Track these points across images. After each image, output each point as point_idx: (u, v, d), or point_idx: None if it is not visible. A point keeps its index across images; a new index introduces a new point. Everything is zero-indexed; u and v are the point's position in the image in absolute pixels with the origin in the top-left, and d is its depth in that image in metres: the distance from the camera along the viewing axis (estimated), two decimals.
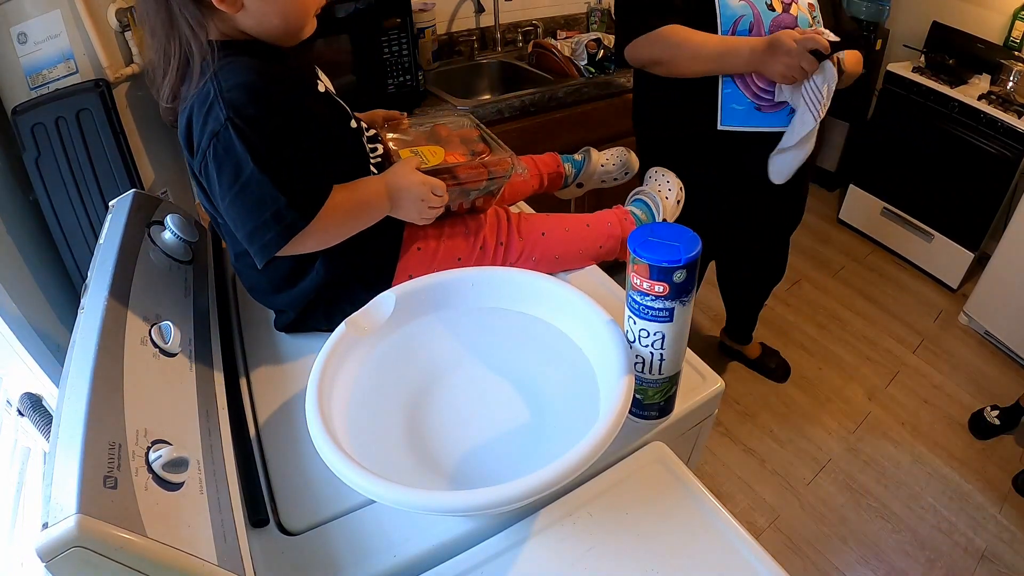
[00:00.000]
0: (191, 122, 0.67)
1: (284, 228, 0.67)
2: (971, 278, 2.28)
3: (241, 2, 0.66)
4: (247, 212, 0.66)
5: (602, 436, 0.54)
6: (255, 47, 0.70)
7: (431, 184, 0.78)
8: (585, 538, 0.60)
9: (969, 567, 1.46)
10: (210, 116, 0.65)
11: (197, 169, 0.68)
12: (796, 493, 1.62)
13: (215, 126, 0.64)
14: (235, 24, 0.68)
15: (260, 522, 0.61)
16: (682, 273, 0.56)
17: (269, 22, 0.69)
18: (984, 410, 1.82)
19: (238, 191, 0.66)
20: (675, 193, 1.08)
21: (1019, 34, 2.23)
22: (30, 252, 1.05)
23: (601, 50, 1.96)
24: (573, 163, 1.17)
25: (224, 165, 0.65)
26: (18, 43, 0.99)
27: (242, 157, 0.64)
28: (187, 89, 0.68)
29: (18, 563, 0.74)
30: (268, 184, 0.65)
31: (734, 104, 1.17)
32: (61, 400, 0.51)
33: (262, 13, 0.68)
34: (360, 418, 0.64)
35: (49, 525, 0.41)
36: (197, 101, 0.66)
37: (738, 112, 1.18)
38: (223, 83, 0.65)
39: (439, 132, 0.94)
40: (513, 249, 0.88)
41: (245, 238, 0.68)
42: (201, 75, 0.66)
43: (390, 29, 1.52)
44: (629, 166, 1.19)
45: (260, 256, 0.69)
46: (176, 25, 0.66)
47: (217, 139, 0.64)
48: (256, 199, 0.66)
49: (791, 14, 1.14)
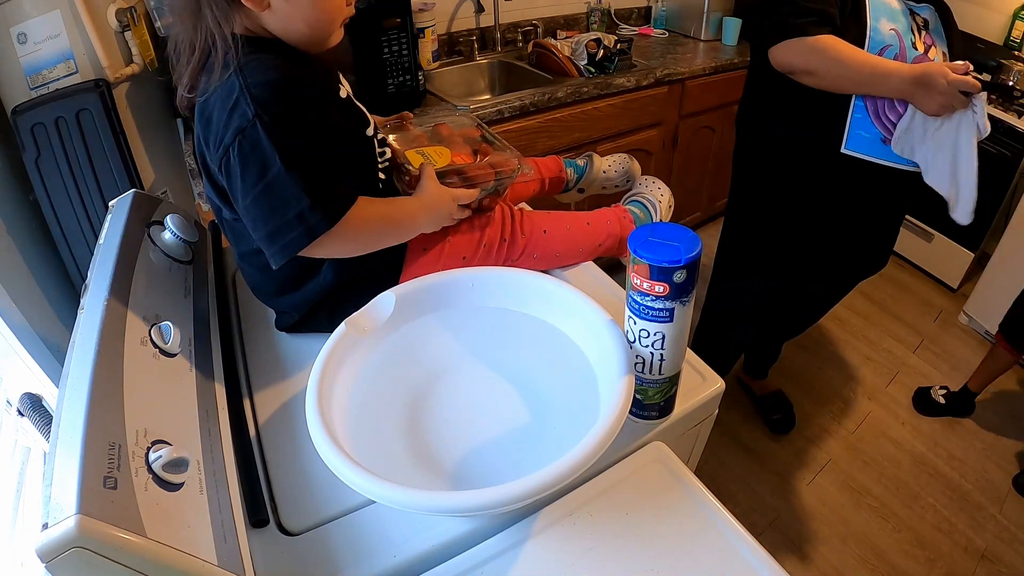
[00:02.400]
0: (211, 116, 0.66)
1: (307, 230, 0.66)
2: (971, 278, 2.28)
3: (268, 1, 0.66)
4: (270, 211, 0.65)
5: (602, 436, 0.54)
6: (281, 47, 0.70)
7: (458, 196, 0.80)
8: (585, 538, 0.60)
9: (969, 567, 1.46)
10: (235, 112, 0.63)
11: (217, 164, 0.66)
12: (796, 493, 1.62)
13: (241, 122, 0.63)
14: (260, 22, 0.68)
15: (260, 522, 0.61)
16: (682, 273, 0.56)
17: (294, 26, 0.68)
18: (932, 388, 1.88)
19: (262, 189, 0.65)
20: (667, 196, 1.09)
21: (1019, 34, 2.23)
22: (30, 252, 1.05)
23: (601, 50, 1.96)
24: (575, 168, 1.17)
25: (249, 162, 0.64)
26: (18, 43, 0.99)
27: (269, 155, 0.63)
28: (207, 80, 0.67)
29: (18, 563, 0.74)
30: (294, 184, 0.64)
31: (861, 131, 1.16)
32: (61, 400, 0.51)
33: (287, 16, 0.67)
34: (360, 418, 0.64)
35: (49, 525, 0.41)
36: (219, 95, 0.65)
37: (864, 139, 1.16)
38: (249, 79, 0.64)
39: (441, 132, 0.94)
40: (516, 246, 0.89)
41: (265, 237, 0.67)
42: (224, 68, 0.66)
43: (390, 29, 1.52)
44: (631, 174, 1.19)
45: (279, 256, 0.68)
46: (202, 15, 0.65)
47: (243, 135, 0.63)
48: (281, 198, 0.65)
49: (929, 57, 1.14)
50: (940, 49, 1.17)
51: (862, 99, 1.14)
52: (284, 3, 0.66)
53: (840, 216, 1.28)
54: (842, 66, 1.10)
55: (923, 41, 1.15)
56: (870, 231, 1.33)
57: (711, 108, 2.20)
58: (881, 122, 1.15)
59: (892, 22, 1.14)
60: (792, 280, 1.42)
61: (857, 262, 1.41)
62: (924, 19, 1.18)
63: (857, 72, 1.10)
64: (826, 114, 1.17)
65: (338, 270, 0.78)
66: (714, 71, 2.10)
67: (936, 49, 1.16)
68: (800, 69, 1.15)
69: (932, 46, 1.16)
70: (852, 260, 1.39)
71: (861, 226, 1.30)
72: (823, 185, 1.25)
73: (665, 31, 2.46)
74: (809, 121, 1.21)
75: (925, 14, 1.19)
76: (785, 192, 1.32)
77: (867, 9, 1.14)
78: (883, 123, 1.15)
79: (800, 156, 1.25)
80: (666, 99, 2.03)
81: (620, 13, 2.49)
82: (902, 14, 1.15)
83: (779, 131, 1.28)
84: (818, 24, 1.11)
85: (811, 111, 1.19)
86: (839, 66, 1.10)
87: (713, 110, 2.21)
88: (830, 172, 1.22)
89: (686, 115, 2.13)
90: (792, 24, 1.13)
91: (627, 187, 1.19)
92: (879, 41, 1.13)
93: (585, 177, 1.17)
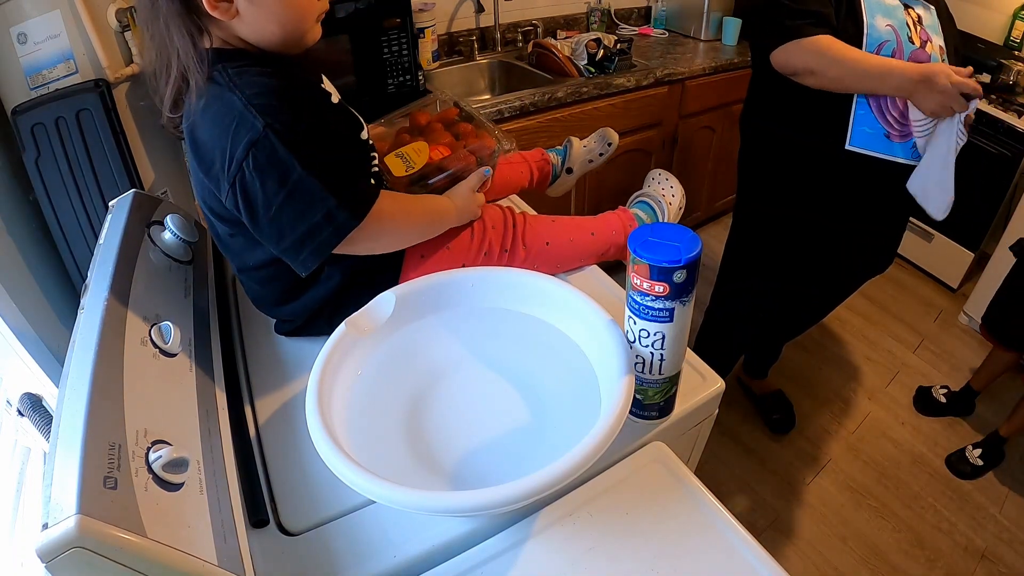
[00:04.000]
0: (202, 139, 0.65)
1: (336, 229, 0.66)
2: (971, 278, 2.28)
3: (236, 9, 0.64)
4: (296, 217, 0.65)
5: (602, 436, 0.54)
6: (261, 58, 0.69)
7: (481, 201, 0.85)
8: (585, 538, 0.60)
9: (969, 567, 1.46)
10: (242, 127, 0.62)
11: (230, 182, 0.64)
12: (796, 493, 1.62)
13: (252, 135, 0.62)
14: (233, 31, 0.67)
15: (260, 522, 0.61)
16: (682, 273, 0.56)
17: (266, 29, 0.67)
18: (933, 387, 1.87)
19: (285, 197, 0.64)
20: (678, 198, 1.08)
21: (1019, 34, 2.23)
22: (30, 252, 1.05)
23: (601, 50, 1.96)
24: (557, 152, 1.19)
25: (267, 173, 0.63)
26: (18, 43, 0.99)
27: (287, 161, 0.63)
28: (190, 99, 0.66)
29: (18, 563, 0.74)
30: (317, 185, 0.64)
31: (864, 127, 1.16)
32: (61, 400, 0.51)
33: (258, 20, 0.65)
34: (360, 418, 0.64)
35: (49, 525, 0.41)
36: (217, 115, 0.64)
37: (867, 135, 1.16)
38: (247, 91, 0.63)
39: (418, 121, 0.91)
40: (516, 258, 0.88)
41: (292, 245, 0.66)
42: (202, 88, 0.65)
43: (390, 29, 1.52)
44: (607, 136, 1.20)
45: (310, 260, 0.67)
46: (172, 33, 0.64)
47: (256, 148, 0.62)
48: (305, 202, 0.64)
49: (926, 51, 1.14)
50: (937, 43, 1.17)
51: (864, 95, 1.15)
52: (251, 6, 0.64)
53: (845, 217, 1.28)
54: (842, 65, 1.10)
55: (919, 36, 1.16)
56: (874, 232, 1.33)
57: (711, 108, 2.20)
58: (884, 118, 1.15)
59: (888, 18, 1.14)
60: (797, 282, 1.42)
61: (861, 263, 1.41)
62: (919, 14, 1.18)
63: (857, 71, 1.10)
64: (829, 112, 1.17)
65: (338, 276, 0.77)
66: (714, 71, 2.10)
67: (933, 44, 1.16)
68: (801, 70, 1.15)
69: (929, 41, 1.16)
70: (856, 261, 1.39)
71: (865, 227, 1.30)
72: (828, 185, 1.25)
73: (665, 31, 2.46)
74: (813, 120, 1.21)
75: (919, 9, 1.19)
76: (790, 194, 1.32)
77: (862, 7, 1.14)
78: (886, 119, 1.15)
79: (805, 157, 1.25)
80: (666, 99, 2.03)
81: (620, 13, 2.49)
82: (897, 10, 1.15)
83: (783, 132, 1.29)
84: (815, 25, 1.12)
85: (814, 110, 1.19)
86: (839, 65, 1.10)
87: (713, 110, 2.21)
88: (835, 172, 1.22)
89: (686, 115, 2.13)
90: (789, 26, 1.14)
91: (611, 151, 1.20)
92: (876, 38, 1.13)
93: (568, 157, 1.18)
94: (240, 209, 0.66)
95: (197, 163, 0.68)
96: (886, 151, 1.16)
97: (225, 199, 0.67)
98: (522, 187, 1.12)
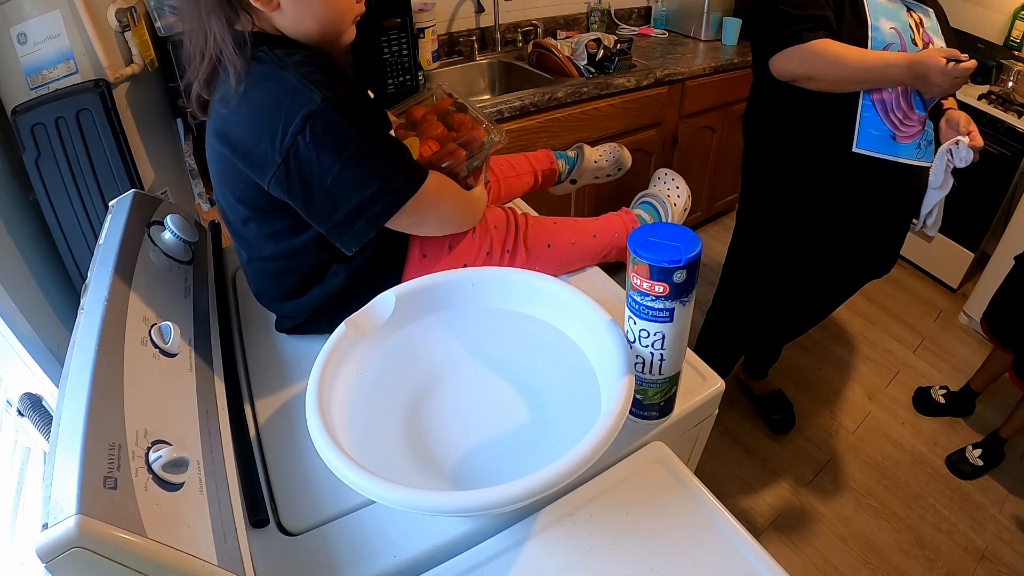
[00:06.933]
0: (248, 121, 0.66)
1: (394, 198, 0.67)
2: (971, 278, 2.28)
3: (277, 2, 0.66)
4: (352, 187, 0.66)
5: (602, 436, 0.54)
6: (303, 47, 0.70)
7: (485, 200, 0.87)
8: (585, 538, 0.60)
9: (969, 567, 1.46)
10: (297, 101, 0.63)
11: (282, 157, 0.65)
12: (796, 493, 1.63)
13: (309, 108, 0.63)
14: (271, 23, 0.68)
15: (260, 522, 0.61)
16: (682, 273, 0.56)
17: (304, 25, 0.69)
18: (932, 387, 1.87)
19: (342, 167, 0.65)
20: (683, 199, 1.08)
21: (1019, 34, 2.23)
22: (30, 252, 1.05)
23: (601, 50, 1.96)
24: (566, 159, 1.17)
25: (324, 143, 0.64)
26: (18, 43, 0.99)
27: (345, 130, 0.64)
28: (227, 84, 0.66)
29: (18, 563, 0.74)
30: (374, 154, 0.66)
31: (871, 129, 1.17)
32: (61, 400, 0.51)
33: (298, 15, 0.67)
34: (360, 418, 0.64)
35: (49, 526, 0.41)
36: (266, 94, 0.65)
37: (874, 137, 1.17)
38: (301, 69, 0.65)
39: (414, 115, 0.92)
40: (518, 259, 0.88)
41: (345, 218, 0.68)
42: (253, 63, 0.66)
43: (390, 29, 1.52)
44: (622, 162, 1.19)
45: (363, 232, 0.69)
46: (211, 19, 0.65)
47: (314, 120, 0.63)
48: (363, 171, 0.66)
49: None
50: (939, 45, 1.18)
51: (869, 97, 1.15)
52: (294, 2, 0.66)
53: (849, 219, 1.28)
54: (841, 66, 1.10)
55: (922, 38, 1.16)
56: (878, 234, 1.33)
57: (711, 108, 2.20)
58: (890, 119, 1.16)
59: (891, 20, 1.15)
60: (800, 283, 1.42)
61: (864, 266, 1.41)
62: (920, 17, 1.19)
63: (856, 69, 1.10)
64: (835, 116, 1.18)
65: (342, 274, 0.78)
66: (714, 71, 2.10)
67: (934, 46, 1.17)
68: (800, 75, 1.16)
69: (931, 42, 1.17)
70: (859, 264, 1.40)
71: (869, 229, 1.31)
72: (833, 189, 1.25)
73: (665, 31, 2.46)
74: (819, 125, 1.21)
75: (920, 12, 1.20)
76: (796, 196, 1.32)
77: (867, 10, 1.14)
78: (891, 120, 1.16)
79: (811, 160, 1.25)
80: (666, 99, 2.03)
81: (620, 13, 2.49)
82: (900, 11, 1.16)
83: (788, 136, 1.29)
84: (811, 29, 1.12)
85: (820, 115, 1.20)
86: (838, 66, 1.10)
87: (713, 110, 2.21)
88: (841, 175, 1.22)
89: (686, 115, 2.13)
90: (786, 33, 1.14)
91: (620, 175, 1.20)
92: (881, 40, 1.14)
93: (576, 168, 1.17)
94: (289, 187, 0.67)
95: (230, 150, 0.68)
96: (892, 152, 1.17)
97: (270, 181, 0.67)
98: (524, 191, 1.13)
